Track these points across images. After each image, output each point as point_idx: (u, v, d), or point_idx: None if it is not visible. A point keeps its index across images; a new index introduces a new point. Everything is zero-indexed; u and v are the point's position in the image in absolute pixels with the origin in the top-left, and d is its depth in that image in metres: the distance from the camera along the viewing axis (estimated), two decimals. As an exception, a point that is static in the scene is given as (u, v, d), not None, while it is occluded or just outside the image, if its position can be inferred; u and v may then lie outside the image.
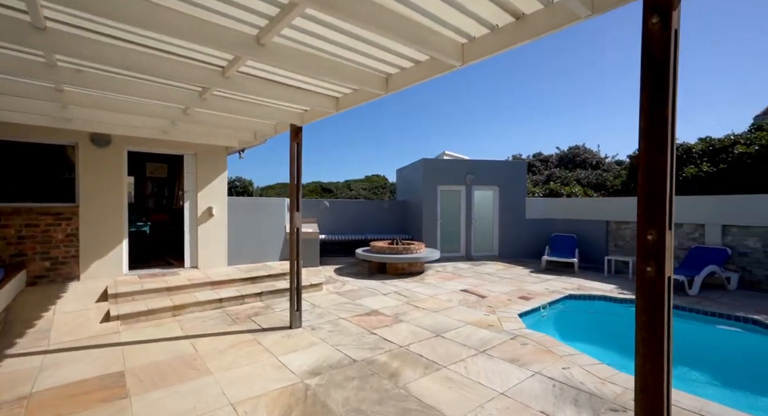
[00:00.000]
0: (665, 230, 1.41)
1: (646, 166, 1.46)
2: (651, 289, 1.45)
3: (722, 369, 4.32)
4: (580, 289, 6.91)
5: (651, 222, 1.44)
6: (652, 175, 1.44)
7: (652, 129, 1.44)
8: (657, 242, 1.43)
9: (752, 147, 8.29)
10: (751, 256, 7.42)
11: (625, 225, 9.52)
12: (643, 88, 1.46)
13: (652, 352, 1.43)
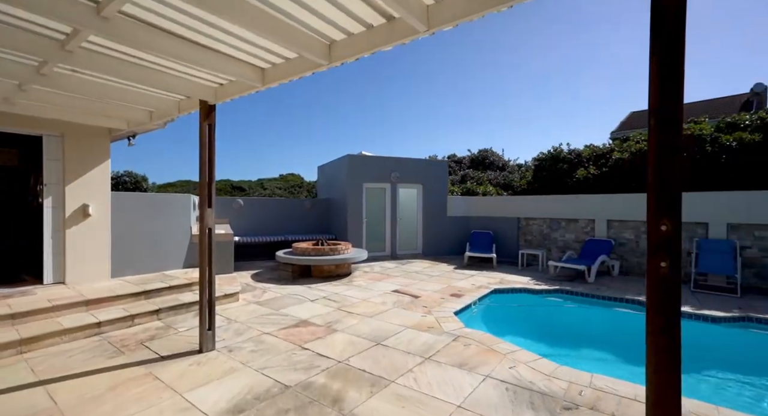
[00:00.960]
0: (680, 220, 1.24)
1: (658, 147, 1.28)
2: (666, 288, 1.27)
3: (626, 349, 4.81)
4: (502, 283, 7.24)
5: (663, 211, 1.27)
6: (664, 157, 1.27)
7: (664, 105, 1.27)
8: (671, 233, 1.26)
9: (625, 153, 9.80)
10: (627, 246, 8.70)
11: (532, 221, 10.43)
12: (653, 57, 1.28)
13: (667, 361, 1.26)
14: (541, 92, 47.15)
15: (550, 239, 10.07)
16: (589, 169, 10.52)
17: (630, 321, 5.67)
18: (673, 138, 1.24)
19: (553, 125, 49.64)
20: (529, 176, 13.58)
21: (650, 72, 1.29)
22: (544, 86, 47.33)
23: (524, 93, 47.20)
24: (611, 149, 10.84)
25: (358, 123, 61.15)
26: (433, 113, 55.67)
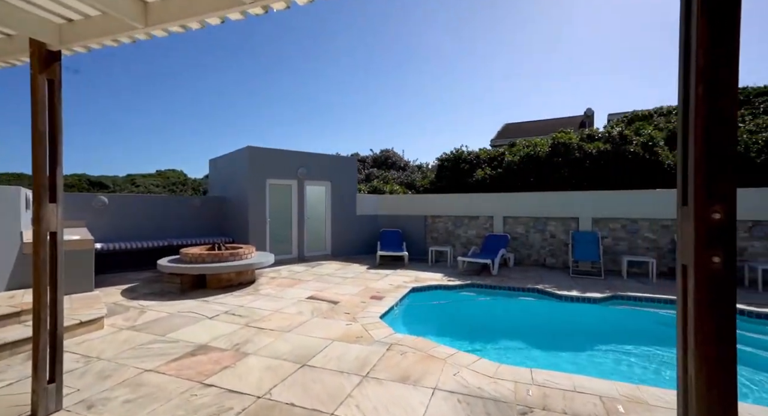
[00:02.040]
0: (734, 207, 1.06)
1: (708, 119, 1.08)
2: (719, 287, 1.08)
3: (541, 334, 5.16)
4: (417, 281, 7.21)
5: (715, 196, 1.07)
6: (716, 131, 1.07)
7: (715, 68, 1.07)
8: (725, 222, 1.07)
9: (515, 157, 10.98)
10: (519, 240, 9.68)
11: (438, 219, 10.85)
12: (702, 15, 1.08)
13: (722, 376, 1.06)
14: (434, 97, 51.03)
15: (454, 235, 10.60)
16: (485, 170, 11.44)
17: (536, 308, 6.18)
18: (726, 107, 1.06)
19: (447, 129, 54.19)
20: (432, 176, 14.22)
21: (699, 33, 1.09)
22: (437, 91, 51.35)
23: (420, 97, 50.39)
24: (503, 153, 12.01)
25: (250, 116, 56.67)
26: (331, 112, 55.20)
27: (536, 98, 47.86)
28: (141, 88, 45.69)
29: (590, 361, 4.26)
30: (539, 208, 9.44)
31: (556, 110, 51.16)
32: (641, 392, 2.79)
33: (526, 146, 11.14)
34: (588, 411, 2.50)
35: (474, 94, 49.69)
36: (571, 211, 9.08)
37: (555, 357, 4.33)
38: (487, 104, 50.65)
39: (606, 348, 4.65)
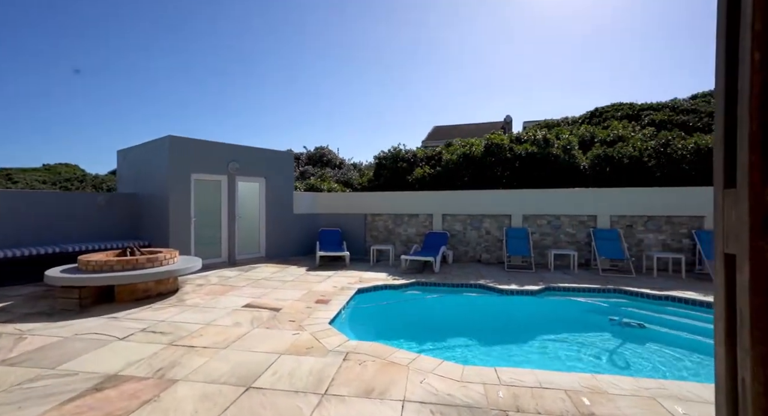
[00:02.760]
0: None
1: (765, 90, 0.98)
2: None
3: (489, 328, 5.26)
4: (362, 281, 6.95)
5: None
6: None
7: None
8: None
9: (454, 156, 11.33)
10: (457, 237, 9.99)
11: (378, 217, 10.71)
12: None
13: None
14: (367, 100, 51.19)
15: (395, 233, 10.56)
16: (424, 168, 11.61)
17: (481, 303, 6.32)
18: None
19: (380, 129, 54.73)
20: (370, 174, 14.06)
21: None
22: (371, 94, 51.57)
23: (354, 98, 50.11)
24: (440, 152, 12.32)
25: (168, 105, 51.01)
26: (258, 107, 52.17)
27: (462, 103, 50.82)
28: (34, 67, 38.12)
29: (541, 353, 4.42)
30: (475, 206, 9.82)
31: (479, 115, 55.00)
32: (598, 381, 2.89)
33: (462, 145, 11.56)
34: (559, 408, 2.48)
35: (406, 97, 50.95)
36: (504, 209, 9.62)
37: (509, 351, 4.41)
38: (418, 108, 52.37)
39: (550, 337, 4.90)
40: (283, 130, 50.99)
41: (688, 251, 8.33)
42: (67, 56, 39.16)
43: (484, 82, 52.62)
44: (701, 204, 8.34)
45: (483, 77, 52.03)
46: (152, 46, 41.59)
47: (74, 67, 43.19)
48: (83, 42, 37.70)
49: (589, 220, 9.09)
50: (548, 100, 48.31)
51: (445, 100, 51.80)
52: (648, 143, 10.35)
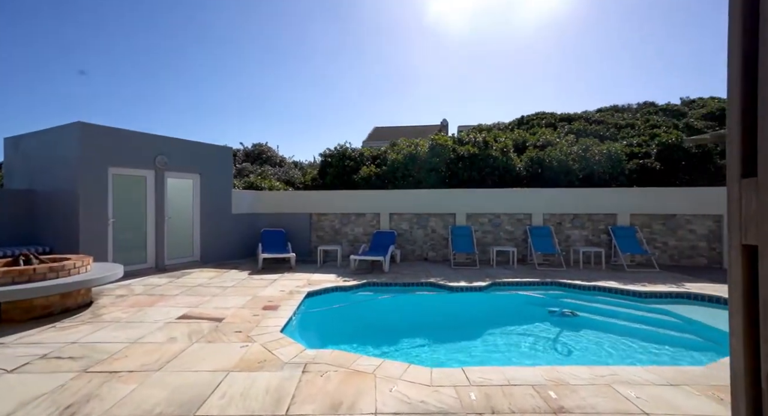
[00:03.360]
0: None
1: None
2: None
3: (445, 325, 5.28)
4: (311, 284, 6.60)
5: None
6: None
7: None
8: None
9: (400, 155, 11.39)
10: (404, 236, 10.05)
11: (324, 217, 10.36)
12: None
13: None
14: (308, 99, 49.73)
15: (341, 233, 10.29)
16: (371, 167, 11.50)
17: (434, 301, 6.37)
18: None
19: (320, 128, 53.52)
20: (314, 173, 13.59)
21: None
22: (311, 93, 50.21)
23: (293, 97, 48.30)
24: (386, 151, 12.31)
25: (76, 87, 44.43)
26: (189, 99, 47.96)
27: (401, 105, 51.86)
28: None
29: (498, 347, 4.53)
30: (422, 205, 9.96)
31: (417, 118, 56.71)
32: (559, 373, 2.99)
33: (408, 145, 11.67)
34: (531, 405, 2.50)
35: (345, 98, 50.49)
36: (450, 208, 9.89)
37: (469, 348, 4.45)
38: (358, 108, 52.26)
39: (503, 331, 5.08)
40: (217, 125, 47.32)
41: (605, 245, 9.31)
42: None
43: (422, 87, 54.32)
44: (614, 204, 9.37)
45: (419, 83, 53.67)
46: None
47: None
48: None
49: (525, 218, 9.73)
50: (480, 106, 51.48)
51: (383, 102, 52.48)
52: (572, 148, 11.42)
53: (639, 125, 16.24)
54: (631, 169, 10.79)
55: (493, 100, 53.40)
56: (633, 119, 18.05)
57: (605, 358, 4.20)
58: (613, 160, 10.72)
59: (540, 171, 10.89)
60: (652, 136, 12.28)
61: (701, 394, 2.70)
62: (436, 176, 10.83)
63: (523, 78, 51.40)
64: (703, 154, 10.74)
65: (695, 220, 9.21)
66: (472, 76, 50.47)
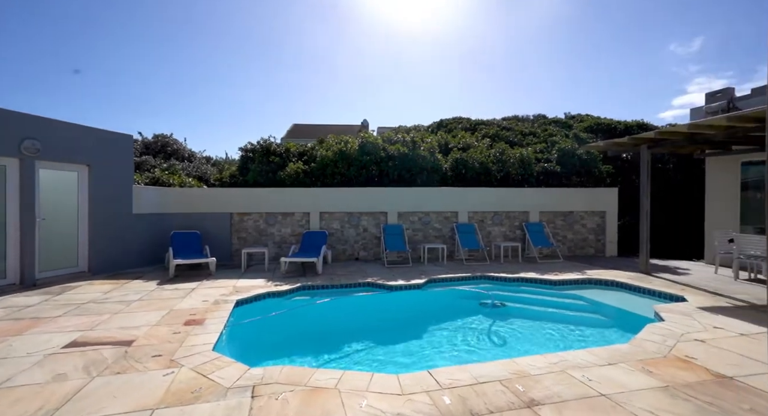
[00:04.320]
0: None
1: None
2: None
3: (392, 325, 5.13)
4: (238, 291, 5.90)
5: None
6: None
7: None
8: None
9: (329, 151, 10.98)
10: (335, 235, 9.73)
11: (248, 216, 9.47)
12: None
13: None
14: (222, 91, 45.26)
15: (267, 234, 9.52)
16: (298, 164, 10.87)
17: (375, 301, 6.20)
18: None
19: (235, 123, 49.28)
20: (233, 169, 12.35)
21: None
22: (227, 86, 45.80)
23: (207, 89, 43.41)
24: (314, 147, 11.78)
25: None
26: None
27: (319, 103, 50.84)
28: None
29: (446, 343, 4.54)
30: (354, 203, 9.75)
31: (337, 117, 56.32)
32: (518, 364, 3.07)
33: (337, 142, 11.32)
34: (505, 402, 2.48)
35: (259, 94, 47.45)
36: (381, 206, 9.86)
37: (421, 347, 4.37)
38: (273, 105, 49.61)
39: (446, 326, 5.14)
40: (108, 111, 40.04)
41: (520, 240, 10.26)
42: None
43: (340, 86, 53.98)
44: (527, 202, 10.40)
45: (338, 83, 53.29)
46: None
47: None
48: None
49: (452, 216, 10.19)
50: (398, 109, 53.22)
51: (301, 100, 50.72)
52: (490, 151, 12.36)
53: (539, 133, 18.42)
54: (539, 171, 12.10)
55: (410, 104, 55.71)
56: (533, 128, 20.42)
57: (538, 343, 4.52)
58: (524, 163, 11.89)
59: (464, 172, 11.52)
60: (552, 143, 13.98)
61: (634, 369, 3.02)
62: (367, 175, 10.70)
63: (438, 84, 54.67)
64: (590, 159, 12.57)
65: (587, 216, 10.71)
66: (389, 78, 51.87)
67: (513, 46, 37.92)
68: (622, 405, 2.45)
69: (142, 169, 12.66)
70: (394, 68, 49.75)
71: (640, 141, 7.81)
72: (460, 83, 50.24)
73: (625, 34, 32.59)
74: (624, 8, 29.33)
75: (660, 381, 2.82)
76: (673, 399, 2.56)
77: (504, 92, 47.05)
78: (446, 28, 38.69)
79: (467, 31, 38.74)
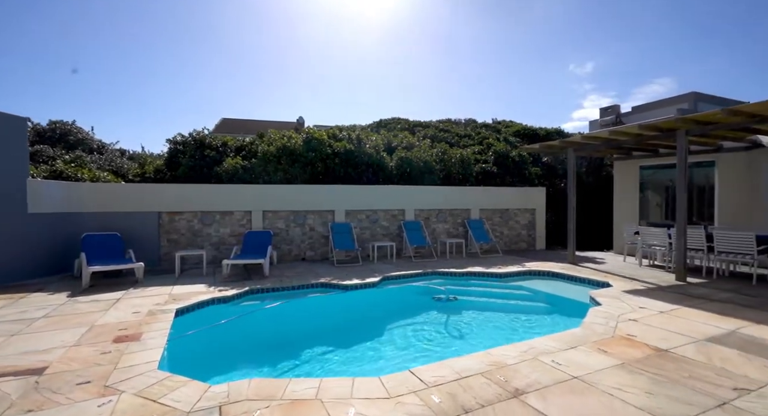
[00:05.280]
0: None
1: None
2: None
3: (355, 326, 4.94)
4: (175, 299, 5.22)
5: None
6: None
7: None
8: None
9: (272, 146, 10.32)
10: (280, 235, 9.22)
11: (180, 216, 8.51)
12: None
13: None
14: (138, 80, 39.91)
15: (203, 235, 8.65)
16: (237, 159, 10.07)
17: (332, 302, 5.94)
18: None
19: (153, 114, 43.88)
20: (157, 162, 11.01)
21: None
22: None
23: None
24: (254, 141, 11.02)
25: None
26: None
27: (250, 99, 47.96)
28: None
29: (410, 339, 4.50)
30: (300, 202, 9.33)
31: (267, 113, 53.66)
32: (493, 356, 3.13)
33: (281, 137, 10.72)
34: (492, 394, 2.49)
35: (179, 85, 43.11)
36: (329, 204, 9.57)
37: (391, 346, 4.29)
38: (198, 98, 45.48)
39: (406, 322, 5.12)
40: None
41: (463, 236, 10.74)
42: None
43: (273, 81, 51.43)
44: (469, 200, 10.94)
45: (271, 77, 50.73)
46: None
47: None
48: None
49: (399, 214, 10.29)
50: (335, 107, 52.41)
51: (230, 94, 47.21)
52: (432, 151, 12.75)
53: (474, 135, 19.55)
54: (478, 171, 12.80)
55: (347, 103, 55.28)
56: (467, 131, 21.63)
57: (494, 333, 4.72)
58: (465, 163, 12.48)
59: (408, 171, 11.71)
60: (488, 145, 14.90)
61: (592, 350, 3.28)
62: (313, 172, 10.31)
63: (376, 85, 55.00)
64: (521, 161, 13.67)
65: (520, 213, 11.61)
66: (327, 77, 50.83)
67: (442, 54, 39.77)
68: (594, 386, 2.62)
69: (37, 160, 10.66)
70: (336, 68, 48.93)
71: (569, 144, 8.66)
72: (398, 85, 51.23)
73: (539, 51, 36.39)
74: (535, 26, 32.62)
75: (616, 359, 3.10)
76: (631, 374, 2.82)
77: (437, 97, 49.13)
78: (384, 30, 39.15)
79: (403, 34, 39.66)
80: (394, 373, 2.80)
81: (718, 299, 5.17)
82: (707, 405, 2.38)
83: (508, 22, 32.93)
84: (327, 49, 42.20)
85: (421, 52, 40.57)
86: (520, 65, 40.13)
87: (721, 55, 35.79)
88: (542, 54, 37.14)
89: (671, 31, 32.84)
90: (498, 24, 33.82)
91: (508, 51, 37.14)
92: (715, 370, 2.91)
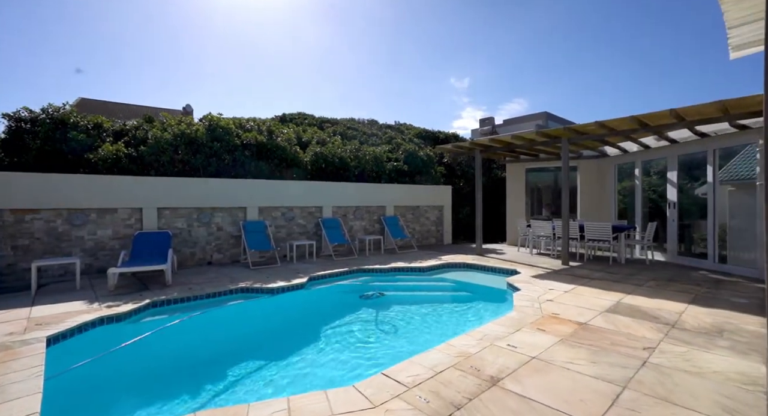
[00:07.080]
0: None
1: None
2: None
3: (293, 333, 4.45)
4: (41, 325, 3.98)
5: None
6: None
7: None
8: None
9: (167, 132, 8.75)
10: (181, 236, 7.95)
11: (34, 215, 6.59)
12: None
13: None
14: None
15: (71, 239, 6.87)
16: (118, 145, 8.25)
17: (259, 308, 5.30)
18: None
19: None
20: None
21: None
22: None
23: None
24: (140, 126, 9.23)
25: None
26: None
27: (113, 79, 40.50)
28: None
29: (353, 337, 4.27)
30: (205, 197, 8.18)
31: (140, 97, 46.06)
32: (456, 347, 3.16)
33: (178, 122, 9.19)
34: (473, 385, 2.48)
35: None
36: (239, 201, 8.62)
37: (338, 350, 3.93)
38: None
39: (340, 322, 4.87)
40: None
41: (379, 233, 10.89)
42: None
43: (160, 69, 44.27)
44: (384, 197, 11.14)
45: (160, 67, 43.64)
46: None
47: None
48: None
49: (317, 211, 9.88)
50: (232, 98, 47.77)
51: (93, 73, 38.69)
52: (347, 147, 12.61)
53: (380, 135, 20.06)
54: (390, 169, 13.13)
55: (249, 95, 50.97)
56: (374, 130, 22.11)
57: (427, 325, 4.85)
58: (378, 161, 12.65)
59: (324, 166, 11.33)
60: (398, 145, 15.42)
61: (533, 330, 3.59)
62: (218, 164, 9.12)
63: (278, 77, 51.98)
64: (428, 161, 14.55)
65: (430, 210, 12.33)
66: (206, 63, 45.91)
67: (343, 55, 40.01)
68: (552, 363, 2.85)
69: None
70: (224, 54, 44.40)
71: (477, 146, 9.50)
72: (298, 78, 49.36)
73: (428, 62, 39.71)
74: (425, 37, 35.52)
75: (554, 336, 3.45)
76: (573, 348, 3.16)
77: (344, 96, 49.15)
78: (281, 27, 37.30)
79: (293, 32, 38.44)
80: (367, 379, 2.58)
81: (596, 278, 6.28)
82: (636, 366, 2.80)
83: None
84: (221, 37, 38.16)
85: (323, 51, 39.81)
86: (420, 69, 42.85)
87: (558, 83, 44.29)
88: (433, 63, 40.37)
89: (525, 59, 39.21)
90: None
91: (400, 55, 39.21)
92: (625, 335, 3.47)
